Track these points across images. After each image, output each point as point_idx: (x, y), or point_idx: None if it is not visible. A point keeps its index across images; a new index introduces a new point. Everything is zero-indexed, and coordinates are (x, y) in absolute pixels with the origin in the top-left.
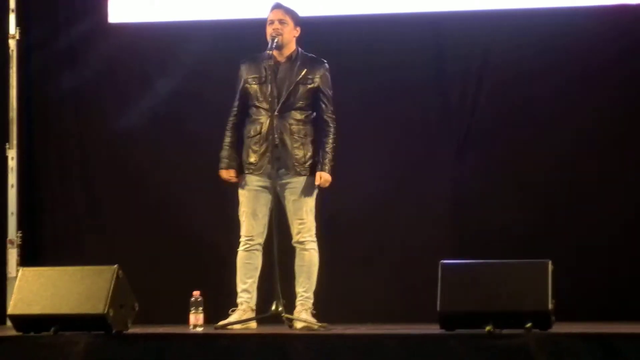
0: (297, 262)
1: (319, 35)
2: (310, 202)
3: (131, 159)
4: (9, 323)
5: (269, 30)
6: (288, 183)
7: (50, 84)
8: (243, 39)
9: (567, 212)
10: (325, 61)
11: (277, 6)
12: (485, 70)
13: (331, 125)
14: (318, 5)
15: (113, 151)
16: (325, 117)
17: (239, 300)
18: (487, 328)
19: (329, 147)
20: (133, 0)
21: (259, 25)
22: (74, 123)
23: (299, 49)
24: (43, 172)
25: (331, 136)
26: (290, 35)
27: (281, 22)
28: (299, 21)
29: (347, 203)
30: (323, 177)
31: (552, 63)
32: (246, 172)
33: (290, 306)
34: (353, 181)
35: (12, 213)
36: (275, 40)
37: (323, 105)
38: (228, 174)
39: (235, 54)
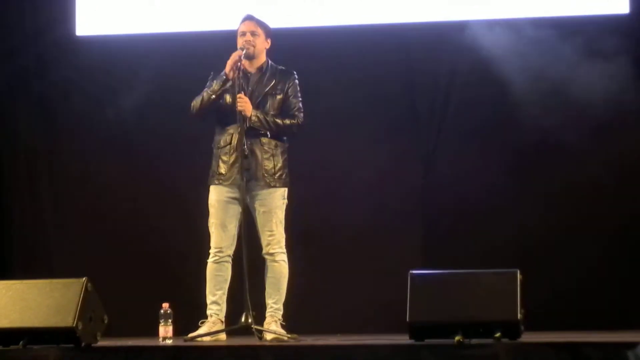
0: (267, 273)
1: (287, 46)
2: (279, 214)
3: (100, 172)
4: None
5: (240, 41)
6: (258, 194)
7: (17, 96)
8: (212, 50)
9: (536, 223)
10: (294, 72)
11: (249, 17)
12: (454, 82)
13: (296, 121)
14: (287, 17)
15: (81, 164)
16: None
17: (208, 312)
18: (457, 338)
19: (279, 119)
20: (101, 13)
21: (229, 37)
22: (42, 136)
23: (269, 60)
24: (11, 184)
25: (288, 121)
26: (261, 46)
27: (253, 33)
28: (270, 33)
29: (316, 215)
30: (247, 105)
31: (521, 74)
32: (216, 182)
33: (260, 318)
34: (322, 193)
35: None
36: (245, 50)
37: (292, 113)
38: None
39: (205, 64)
